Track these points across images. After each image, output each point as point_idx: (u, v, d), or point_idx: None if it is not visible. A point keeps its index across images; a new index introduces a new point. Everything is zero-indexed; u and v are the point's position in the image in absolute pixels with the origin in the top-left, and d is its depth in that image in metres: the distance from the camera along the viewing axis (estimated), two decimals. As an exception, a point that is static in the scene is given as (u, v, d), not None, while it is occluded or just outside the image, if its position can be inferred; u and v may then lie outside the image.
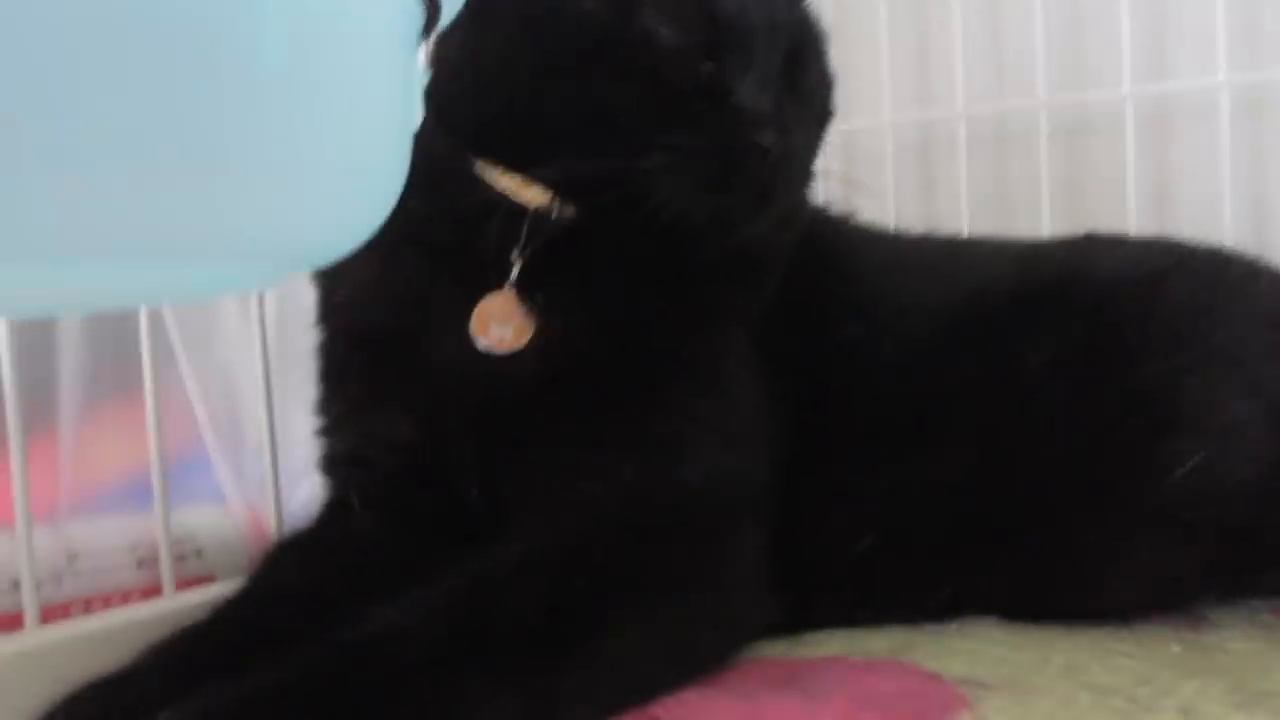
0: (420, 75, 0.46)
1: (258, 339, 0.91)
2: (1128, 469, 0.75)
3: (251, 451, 1.02)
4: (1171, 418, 0.76)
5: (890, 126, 1.33)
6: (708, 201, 0.68)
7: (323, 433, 0.80)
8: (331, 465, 0.80)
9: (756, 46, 0.70)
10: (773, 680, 0.65)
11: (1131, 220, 1.15)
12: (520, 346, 0.70)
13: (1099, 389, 0.77)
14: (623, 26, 0.68)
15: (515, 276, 0.71)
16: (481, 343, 0.71)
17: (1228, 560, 0.76)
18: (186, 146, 0.35)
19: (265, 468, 0.91)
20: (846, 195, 0.87)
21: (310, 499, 0.85)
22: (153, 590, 0.86)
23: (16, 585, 0.77)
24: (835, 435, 0.77)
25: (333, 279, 0.79)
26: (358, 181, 0.41)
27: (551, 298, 0.71)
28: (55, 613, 0.82)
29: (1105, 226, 0.96)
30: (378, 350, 0.76)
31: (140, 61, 0.34)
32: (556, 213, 0.71)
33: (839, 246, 0.87)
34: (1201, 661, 0.67)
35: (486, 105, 0.72)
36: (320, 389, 0.80)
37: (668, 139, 0.67)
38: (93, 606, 0.86)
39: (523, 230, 0.71)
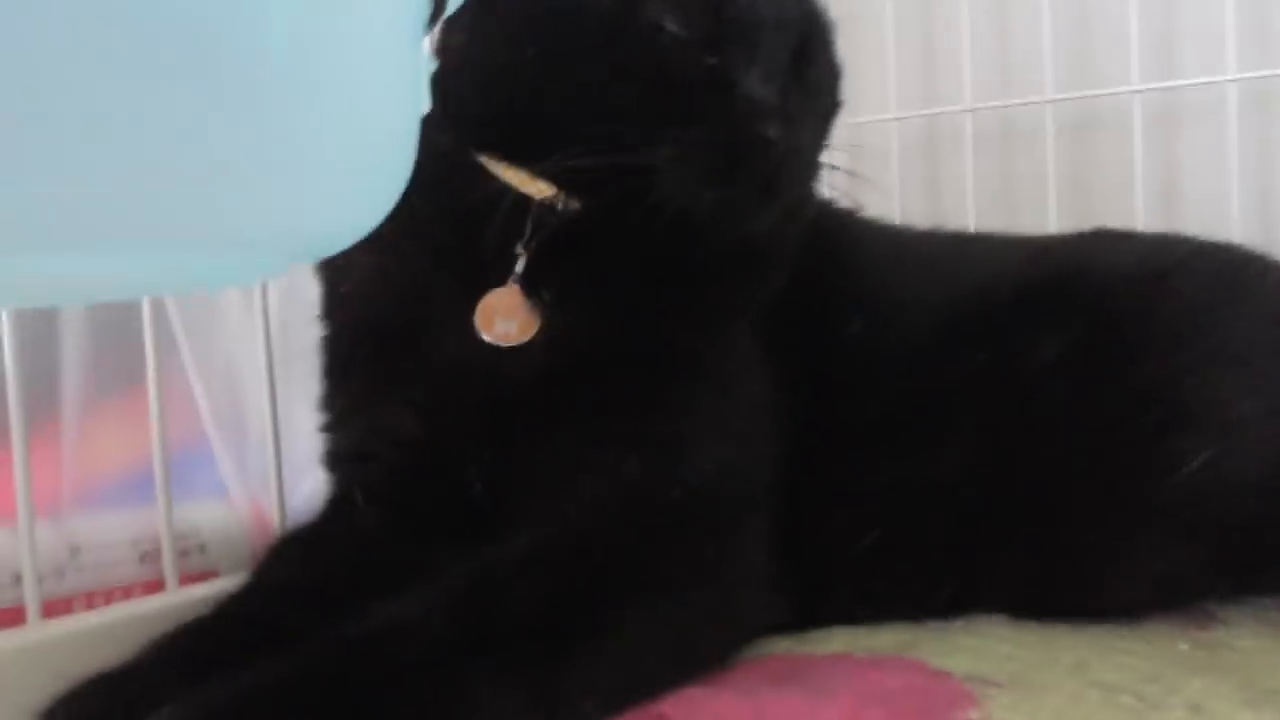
0: (427, 64, 0.45)
1: (261, 333, 0.91)
2: (1133, 466, 0.75)
3: (254, 446, 1.02)
4: (1177, 415, 0.75)
5: (896, 122, 1.32)
6: (712, 195, 0.67)
7: (327, 428, 0.80)
8: (335, 460, 0.80)
9: (762, 38, 0.69)
10: (777, 677, 0.65)
11: (1139, 217, 1.14)
12: (524, 341, 0.70)
13: (1104, 385, 0.77)
14: (628, 18, 0.68)
15: (520, 271, 0.71)
16: (486, 338, 0.70)
17: (1234, 558, 0.75)
18: (190, 135, 0.35)
19: (268, 462, 0.91)
20: (852, 190, 0.87)
21: (313, 494, 0.84)
22: (155, 585, 0.86)
23: (18, 579, 0.76)
24: (840, 431, 0.77)
25: (337, 273, 0.79)
26: (363, 170, 0.41)
27: (556, 293, 0.71)
28: (57, 607, 0.82)
29: (1112, 223, 0.96)
30: (382, 345, 0.75)
31: (143, 50, 0.34)
32: (561, 206, 0.70)
33: (845, 241, 0.87)
34: (1209, 659, 0.67)
35: (491, 98, 0.71)
36: (324, 384, 0.80)
37: (672, 132, 0.66)
38: (95, 601, 0.85)
39: (527, 224, 0.70)
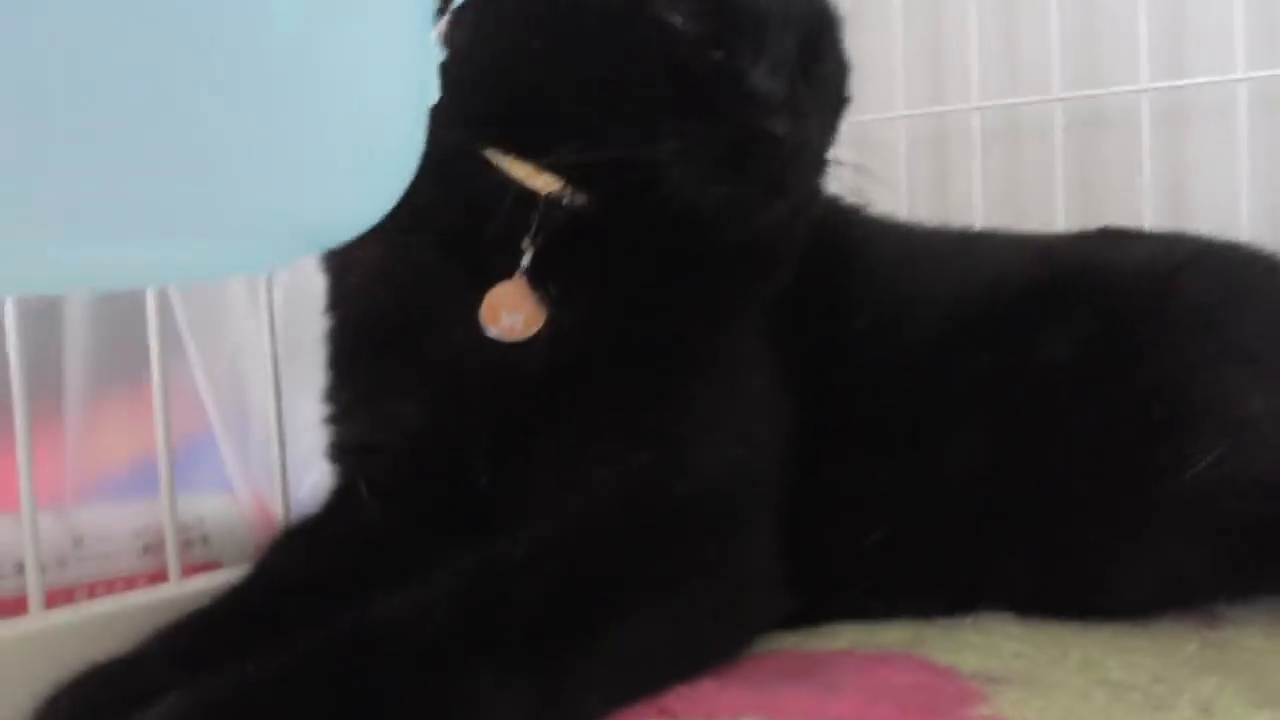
0: (436, 54, 0.45)
1: (266, 325, 0.91)
2: (1141, 465, 0.74)
3: (259, 439, 1.01)
4: (1186, 413, 0.75)
5: (904, 120, 1.32)
6: (718, 190, 0.67)
7: (331, 420, 0.79)
8: (340, 453, 0.79)
9: (769, 33, 0.69)
10: (785, 672, 0.64)
11: (1146, 216, 1.14)
12: (531, 335, 0.70)
13: (1113, 383, 0.76)
14: (634, 12, 0.67)
15: (526, 265, 0.70)
16: (492, 331, 0.70)
17: (1243, 557, 0.75)
18: (197, 122, 0.35)
19: (272, 455, 0.91)
20: (859, 187, 0.87)
21: (317, 487, 0.84)
22: (158, 576, 0.86)
23: (21, 569, 0.76)
24: (848, 428, 0.77)
25: (342, 265, 0.79)
26: (370, 159, 0.40)
27: (563, 287, 0.70)
28: (60, 597, 0.81)
29: (1119, 223, 0.95)
30: (387, 338, 0.75)
31: (148, 37, 0.34)
32: (568, 201, 0.70)
33: (853, 238, 0.86)
34: (1219, 659, 0.67)
35: (496, 91, 0.71)
36: (329, 376, 0.80)
37: (679, 126, 0.66)
38: (98, 592, 0.85)
39: (534, 218, 0.70)
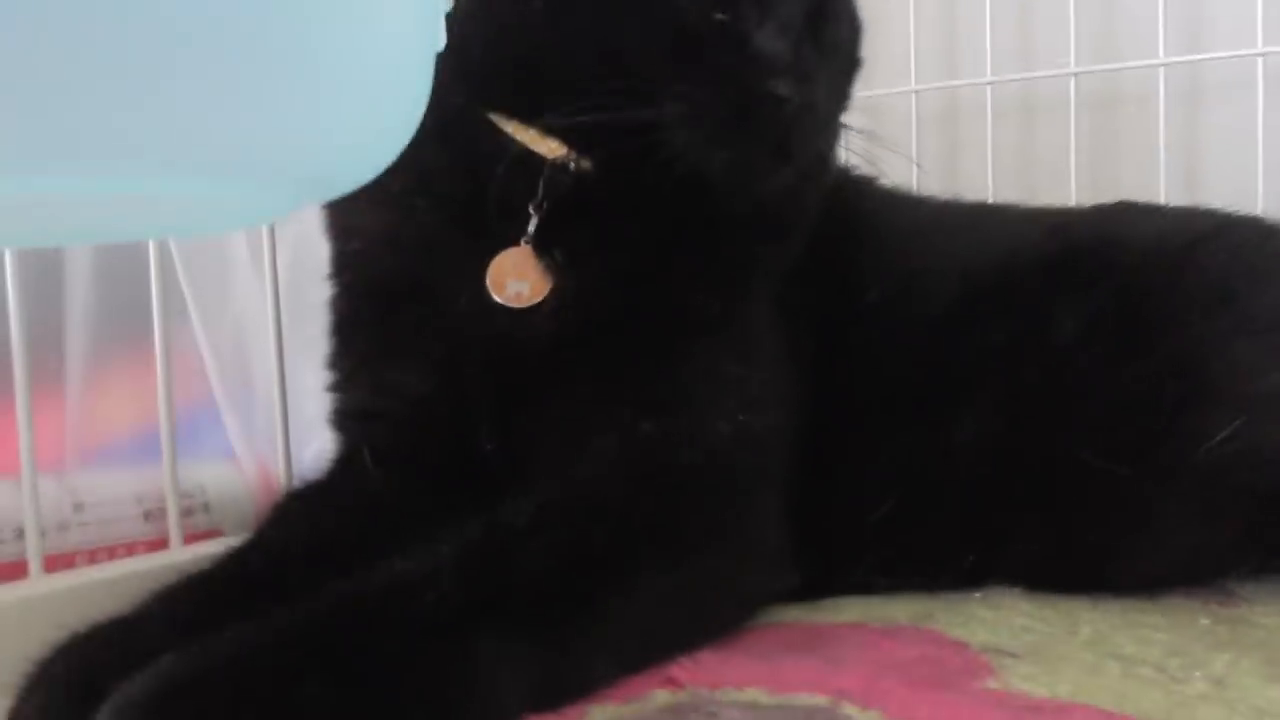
0: (444, 2, 0.44)
1: (269, 292, 0.90)
2: (1156, 439, 0.73)
3: (261, 406, 1.01)
4: (1202, 388, 0.74)
5: (916, 94, 1.30)
6: (723, 154, 0.66)
7: (334, 387, 0.79)
8: (343, 420, 0.78)
9: None
10: (791, 643, 0.63)
11: (1162, 192, 1.12)
12: (536, 302, 0.69)
13: (1128, 357, 0.75)
14: None
15: (532, 231, 0.69)
16: (497, 299, 0.69)
17: (1259, 532, 0.74)
18: (201, 54, 0.34)
19: (275, 423, 0.90)
20: (871, 158, 0.85)
21: (320, 455, 0.83)
22: (159, 543, 0.85)
23: (21, 533, 0.76)
24: (859, 400, 0.76)
25: (346, 231, 0.78)
26: (377, 100, 0.39)
27: (569, 253, 0.69)
28: (60, 562, 0.81)
29: (1134, 198, 0.94)
30: (391, 304, 0.74)
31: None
32: (574, 166, 0.69)
33: (866, 208, 0.85)
34: (1232, 635, 0.66)
35: (499, 53, 0.69)
36: (332, 342, 0.79)
37: (682, 89, 0.65)
38: (98, 557, 0.85)
39: (539, 184, 0.69)
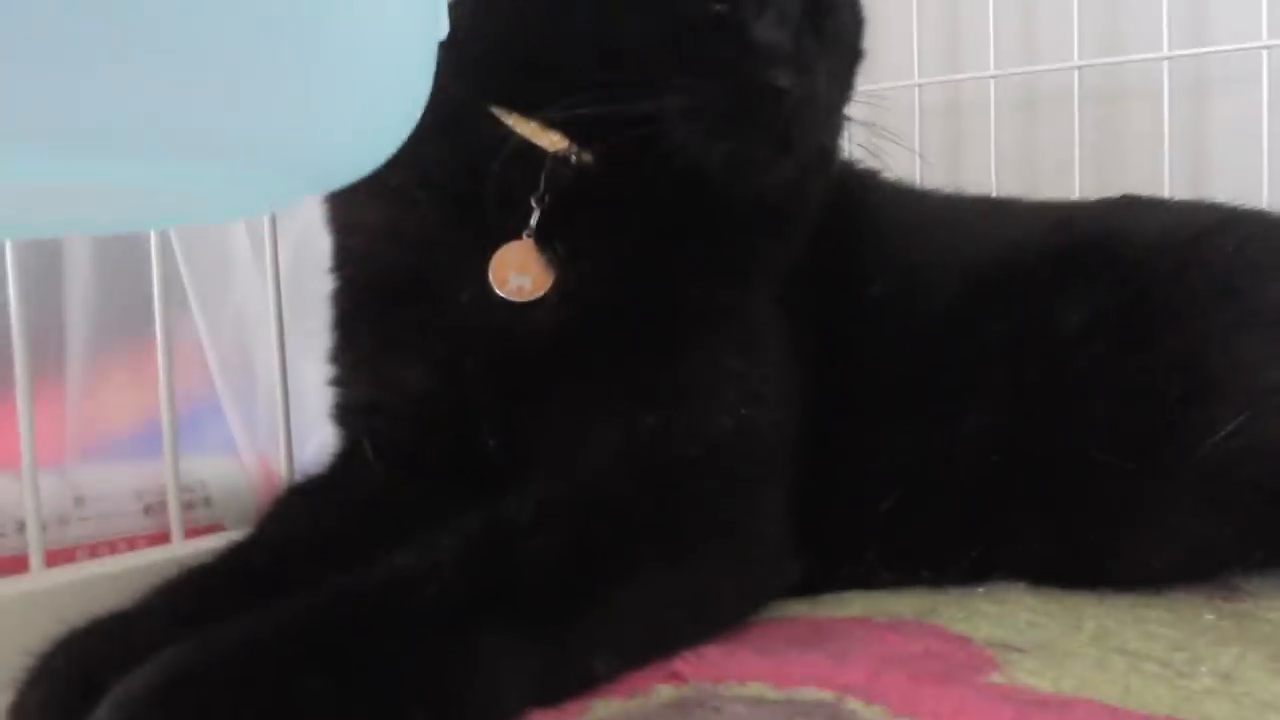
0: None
1: (271, 286, 0.90)
2: (1163, 432, 0.73)
3: (263, 401, 1.00)
4: (1207, 382, 0.74)
5: (919, 88, 1.30)
6: (722, 146, 0.65)
7: (336, 382, 0.78)
8: (344, 414, 0.78)
9: None
10: (795, 638, 0.63)
11: (1165, 186, 1.12)
12: (539, 296, 0.69)
13: (1132, 351, 0.75)
14: None
15: (534, 225, 0.69)
16: (499, 292, 0.69)
17: (1263, 527, 0.73)
18: (204, 41, 0.34)
19: (277, 417, 0.90)
20: (875, 153, 0.85)
21: (322, 449, 0.83)
22: (160, 537, 0.85)
23: (22, 527, 0.75)
24: (862, 393, 0.76)
25: (348, 225, 0.77)
26: (379, 89, 0.39)
27: (570, 247, 0.69)
28: (61, 556, 0.81)
29: (1139, 192, 0.94)
30: (393, 298, 0.74)
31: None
32: (575, 159, 0.68)
33: (870, 202, 0.85)
34: (1237, 629, 0.65)
35: (500, 45, 0.69)
36: (334, 337, 0.78)
37: (681, 80, 0.64)
38: (99, 552, 0.85)
39: (541, 177, 0.69)
